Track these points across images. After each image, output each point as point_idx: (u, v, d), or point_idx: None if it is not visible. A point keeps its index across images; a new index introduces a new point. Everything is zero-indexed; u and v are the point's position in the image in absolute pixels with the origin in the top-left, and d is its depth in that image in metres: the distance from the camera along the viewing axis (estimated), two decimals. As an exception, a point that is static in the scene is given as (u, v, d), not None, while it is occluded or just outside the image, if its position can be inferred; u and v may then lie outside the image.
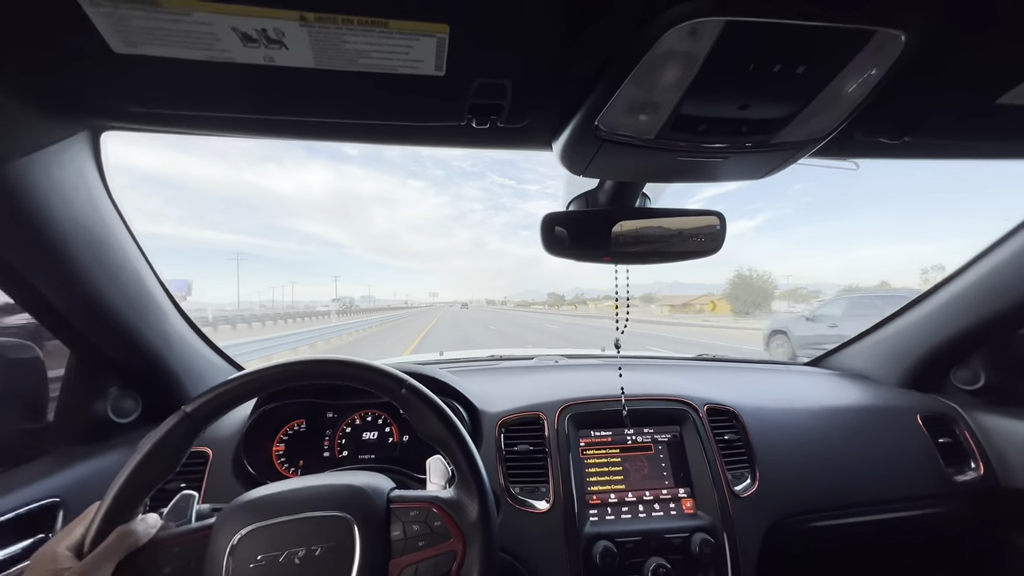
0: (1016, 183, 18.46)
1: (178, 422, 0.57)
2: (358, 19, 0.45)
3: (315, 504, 0.58)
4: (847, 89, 0.53)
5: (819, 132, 0.62)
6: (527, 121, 0.67)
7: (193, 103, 0.61)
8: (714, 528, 0.94)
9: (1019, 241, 1.06)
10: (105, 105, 0.62)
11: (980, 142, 0.78)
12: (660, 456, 1.04)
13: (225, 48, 0.47)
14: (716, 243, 0.90)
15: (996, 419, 1.17)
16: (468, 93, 0.59)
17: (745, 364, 1.62)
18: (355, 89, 0.57)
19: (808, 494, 1.05)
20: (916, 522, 1.10)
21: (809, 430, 1.13)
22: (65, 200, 0.71)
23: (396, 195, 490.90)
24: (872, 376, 1.43)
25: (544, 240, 0.90)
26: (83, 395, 0.93)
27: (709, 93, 0.53)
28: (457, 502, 0.61)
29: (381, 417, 1.10)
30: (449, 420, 0.63)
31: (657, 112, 0.56)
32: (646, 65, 0.49)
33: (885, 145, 0.75)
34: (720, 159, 0.67)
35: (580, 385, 1.16)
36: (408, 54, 0.50)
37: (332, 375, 0.63)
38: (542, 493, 0.96)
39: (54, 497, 0.77)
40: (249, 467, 0.96)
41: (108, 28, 0.44)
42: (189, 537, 0.56)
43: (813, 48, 0.47)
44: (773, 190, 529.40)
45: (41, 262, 0.73)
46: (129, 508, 0.54)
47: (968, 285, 1.18)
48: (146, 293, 0.92)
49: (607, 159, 0.69)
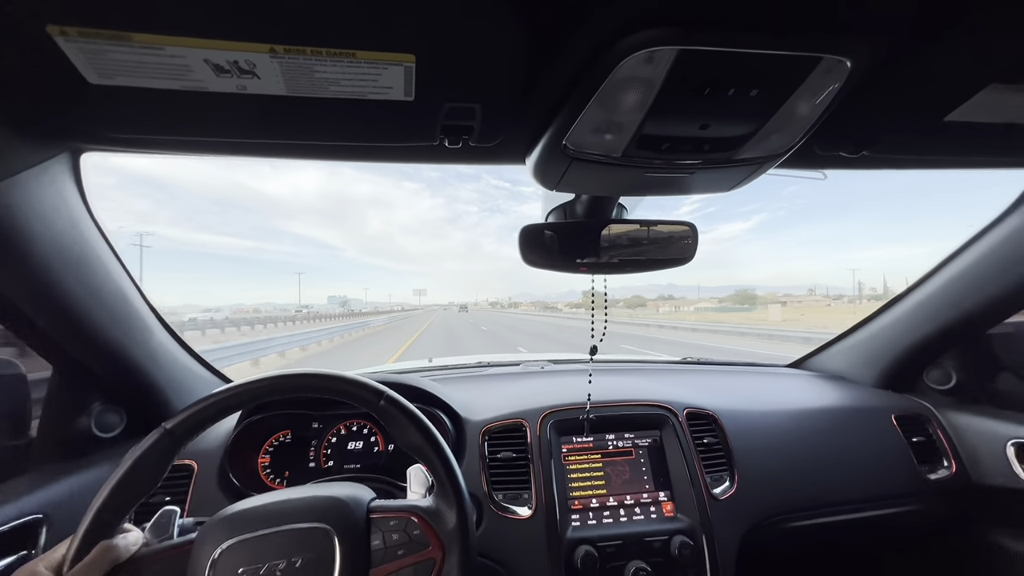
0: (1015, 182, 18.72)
1: (158, 439, 0.57)
2: (327, 50, 0.47)
3: (295, 516, 0.59)
4: (801, 109, 0.56)
5: (779, 148, 0.64)
6: (499, 140, 0.69)
7: (169, 128, 0.62)
8: (693, 530, 0.96)
9: (985, 244, 1.10)
10: (83, 131, 0.63)
11: (933, 156, 0.81)
12: (641, 460, 1.06)
13: (198, 79, 0.49)
14: (689, 252, 0.93)
15: (967, 417, 1.21)
16: (439, 116, 0.61)
17: (727, 367, 1.64)
18: (327, 113, 0.59)
19: (786, 495, 1.07)
20: (891, 520, 1.12)
21: (787, 432, 1.16)
22: (46, 221, 0.72)
23: (390, 197, 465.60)
24: (849, 377, 1.47)
25: (523, 251, 0.92)
26: (66, 411, 0.93)
27: (669, 114, 0.55)
28: (436, 511, 0.62)
29: (366, 427, 1.12)
30: (427, 430, 0.64)
31: (622, 132, 0.59)
32: (607, 89, 0.51)
33: (845, 159, 0.78)
34: (687, 174, 0.70)
35: (563, 392, 1.17)
36: (377, 81, 0.52)
37: (311, 388, 0.64)
38: (525, 499, 0.97)
39: (37, 514, 0.77)
40: (234, 479, 0.97)
41: (82, 61, 0.46)
42: (170, 553, 0.57)
43: (764, 73, 0.50)
44: (768, 192, 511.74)
45: (23, 282, 0.74)
46: (110, 524, 0.55)
47: (938, 288, 1.21)
48: (130, 308, 0.92)
49: (577, 175, 0.71)
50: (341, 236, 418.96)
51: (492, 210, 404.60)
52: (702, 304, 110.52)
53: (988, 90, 0.59)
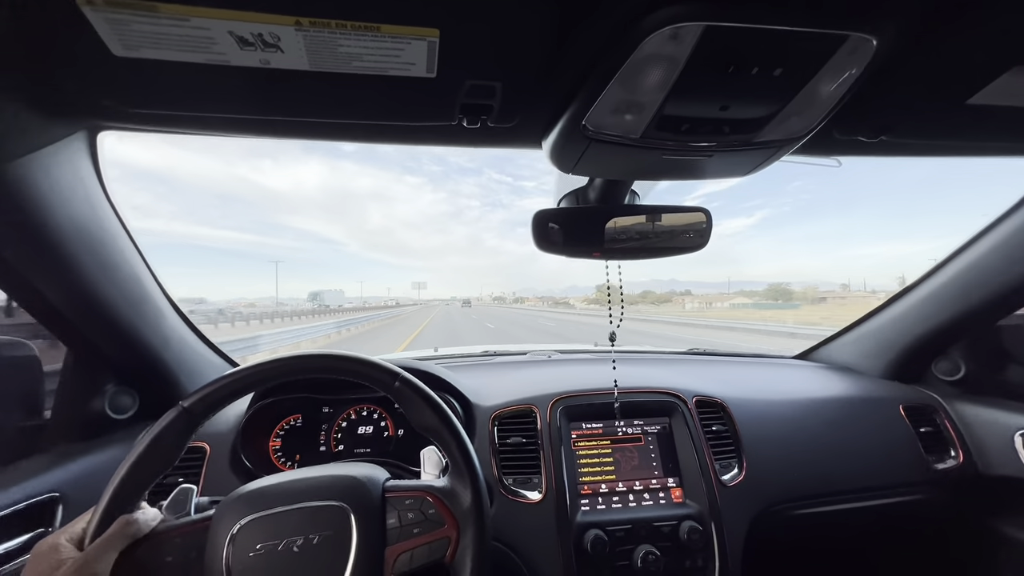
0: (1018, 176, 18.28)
1: (176, 417, 0.58)
2: (351, 24, 0.46)
3: (313, 494, 0.59)
4: (823, 91, 0.55)
5: (798, 131, 0.64)
6: (517, 121, 0.69)
7: (189, 104, 0.62)
8: (702, 516, 0.97)
9: (996, 236, 1.10)
10: (103, 106, 0.63)
11: (953, 141, 0.81)
12: (650, 447, 1.06)
13: (222, 51, 0.49)
14: (702, 239, 0.92)
15: (975, 408, 1.21)
16: (459, 94, 0.61)
17: (734, 358, 1.65)
18: (348, 90, 0.58)
19: (793, 483, 1.08)
20: (898, 509, 1.13)
21: (795, 421, 1.16)
22: (63, 199, 0.72)
23: (392, 191, 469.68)
24: (857, 368, 1.47)
25: (535, 236, 0.92)
26: (80, 392, 0.94)
27: (691, 94, 0.55)
28: (451, 490, 0.63)
29: (376, 411, 1.12)
30: (442, 410, 0.65)
31: (642, 112, 0.58)
32: (630, 68, 0.51)
33: (863, 143, 0.77)
34: (704, 157, 0.69)
35: (572, 379, 1.18)
36: (400, 57, 0.52)
37: (327, 369, 0.64)
38: (535, 484, 0.98)
39: (53, 492, 0.78)
40: (246, 461, 0.97)
41: (108, 32, 0.46)
42: (189, 528, 0.58)
43: (789, 52, 0.49)
44: (772, 187, 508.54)
45: (39, 261, 0.74)
46: (129, 501, 0.55)
47: (948, 279, 1.21)
48: (143, 291, 0.93)
49: (594, 157, 0.70)
50: (343, 231, 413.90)
51: (494, 205, 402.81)
52: (737, 300, 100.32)
53: (1012, 72, 0.59)
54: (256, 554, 0.54)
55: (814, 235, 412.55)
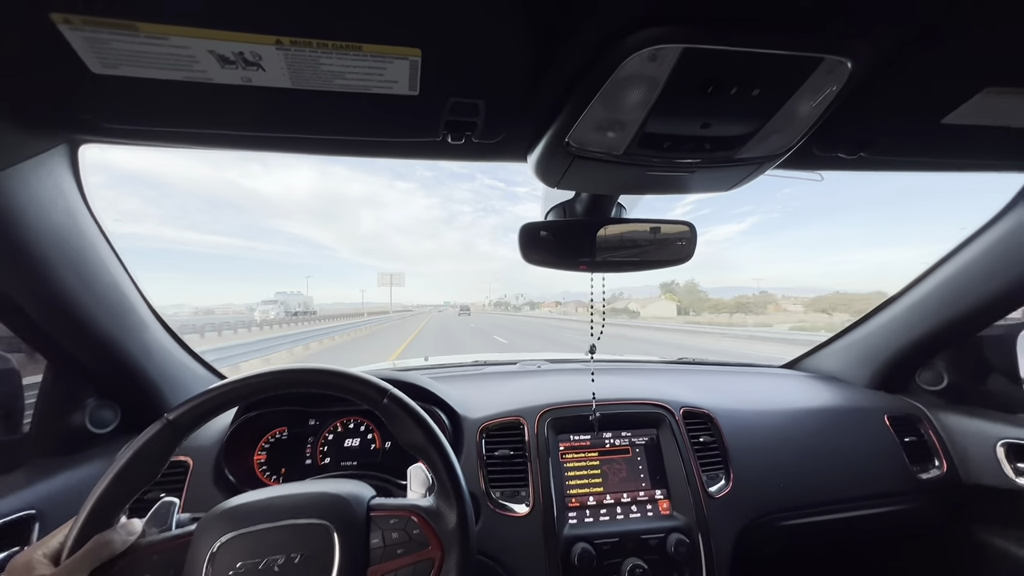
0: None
1: (160, 429, 0.57)
2: (333, 43, 0.47)
3: (295, 512, 0.58)
4: (801, 110, 0.57)
5: (778, 148, 0.65)
6: (501, 137, 0.70)
7: (171, 120, 0.62)
8: (689, 528, 0.96)
9: (976, 248, 1.12)
10: (83, 121, 0.62)
11: (931, 158, 0.83)
12: (637, 459, 1.06)
13: (202, 69, 0.49)
14: (687, 252, 0.93)
15: (958, 418, 1.22)
16: (443, 111, 0.61)
17: (722, 367, 1.66)
18: (331, 107, 0.58)
19: (780, 494, 1.08)
20: (883, 518, 1.14)
21: (782, 431, 1.17)
22: (43, 213, 0.71)
23: (383, 197, 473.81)
24: (843, 378, 1.48)
25: (523, 249, 0.92)
26: (60, 406, 0.92)
27: (672, 113, 0.56)
28: (436, 511, 0.62)
29: (363, 424, 1.11)
30: (430, 429, 0.64)
31: (624, 130, 0.59)
32: (611, 87, 0.51)
33: (843, 159, 0.79)
34: (687, 173, 0.70)
35: (560, 390, 1.18)
36: (383, 75, 0.52)
37: (315, 384, 0.64)
38: (522, 497, 0.97)
39: (30, 509, 0.76)
40: (230, 476, 0.96)
41: (86, 50, 0.46)
42: (169, 545, 0.57)
43: (766, 73, 0.50)
44: (762, 194, 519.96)
45: (18, 273, 0.73)
46: (108, 516, 0.54)
47: (930, 290, 1.23)
48: (125, 303, 0.91)
49: (579, 173, 0.71)
50: (334, 236, 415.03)
51: (487, 210, 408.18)
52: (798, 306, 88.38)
53: (984, 93, 0.60)
54: (236, 573, 0.53)
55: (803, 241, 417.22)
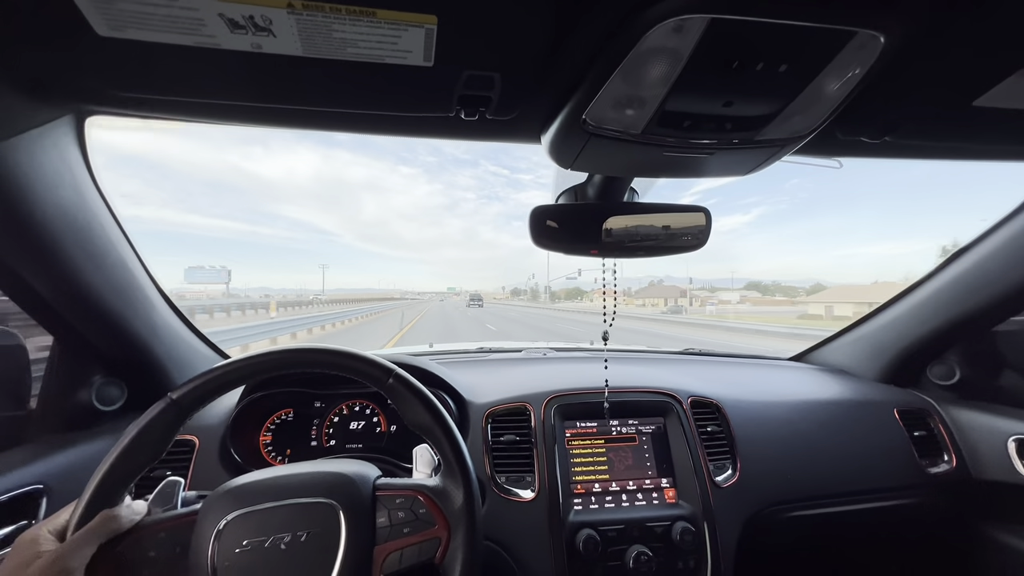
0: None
1: (164, 408, 0.57)
2: (346, 8, 0.45)
3: (301, 491, 0.58)
4: (828, 88, 0.54)
5: (801, 130, 0.63)
6: (516, 114, 0.68)
7: (178, 89, 0.60)
8: (695, 517, 0.96)
9: (993, 242, 1.09)
10: (89, 88, 0.61)
11: (958, 143, 0.80)
12: (644, 447, 1.06)
13: (211, 34, 0.47)
14: (701, 239, 0.91)
15: (969, 413, 1.21)
16: (457, 84, 0.59)
17: (729, 359, 1.64)
18: (343, 78, 0.57)
19: (787, 485, 1.07)
20: (890, 512, 1.13)
21: (790, 422, 1.16)
22: (49, 185, 0.70)
23: (386, 182, 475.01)
24: (852, 371, 1.47)
25: (533, 233, 0.91)
26: (67, 383, 0.93)
27: (694, 89, 0.54)
28: (443, 490, 0.62)
29: (369, 407, 1.11)
30: (435, 409, 0.64)
31: (643, 107, 0.57)
32: (633, 61, 0.49)
33: (866, 144, 0.76)
34: (705, 155, 0.68)
35: (566, 377, 1.17)
36: (396, 44, 0.50)
37: (321, 364, 0.63)
38: (527, 482, 0.97)
39: (37, 484, 0.77)
40: (236, 455, 0.96)
41: (92, 10, 0.44)
42: (175, 522, 0.57)
43: (795, 47, 0.48)
44: (769, 185, 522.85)
45: (24, 247, 0.72)
46: (114, 493, 0.54)
47: (944, 284, 1.21)
48: (132, 280, 0.91)
49: (594, 153, 0.69)
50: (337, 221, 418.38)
51: (490, 197, 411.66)
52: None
53: (1019, 74, 0.58)
54: (242, 550, 0.53)
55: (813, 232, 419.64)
